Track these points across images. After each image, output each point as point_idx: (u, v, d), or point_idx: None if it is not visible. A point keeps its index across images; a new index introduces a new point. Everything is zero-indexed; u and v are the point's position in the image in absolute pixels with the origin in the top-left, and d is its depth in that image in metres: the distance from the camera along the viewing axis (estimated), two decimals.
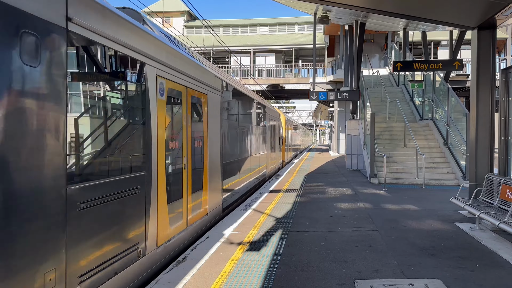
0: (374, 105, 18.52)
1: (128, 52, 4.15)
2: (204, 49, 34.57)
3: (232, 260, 5.19)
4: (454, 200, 7.70)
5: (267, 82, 34.31)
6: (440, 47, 32.97)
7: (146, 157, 4.62)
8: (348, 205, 9.12)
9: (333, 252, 5.51)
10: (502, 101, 7.79)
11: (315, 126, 77.98)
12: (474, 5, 7.59)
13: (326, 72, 32.79)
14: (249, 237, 6.30)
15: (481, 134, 8.20)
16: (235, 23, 43.45)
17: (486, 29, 8.13)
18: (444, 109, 14.87)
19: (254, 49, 37.26)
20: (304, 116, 69.20)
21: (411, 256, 5.35)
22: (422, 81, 17.02)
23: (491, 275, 4.64)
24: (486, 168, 8.13)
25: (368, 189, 11.85)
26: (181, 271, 4.80)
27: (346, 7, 11.21)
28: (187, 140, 6.03)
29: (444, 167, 13.64)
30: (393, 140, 15.77)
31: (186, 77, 6.00)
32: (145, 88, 4.62)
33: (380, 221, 7.46)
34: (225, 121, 8.36)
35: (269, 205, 9.15)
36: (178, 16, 42.55)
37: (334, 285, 4.31)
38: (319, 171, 17.58)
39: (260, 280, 4.47)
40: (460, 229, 6.84)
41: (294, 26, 42.31)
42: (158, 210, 4.91)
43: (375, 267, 4.91)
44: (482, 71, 8.20)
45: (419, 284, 4.31)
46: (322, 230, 6.80)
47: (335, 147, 32.25)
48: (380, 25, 21.18)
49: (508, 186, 6.64)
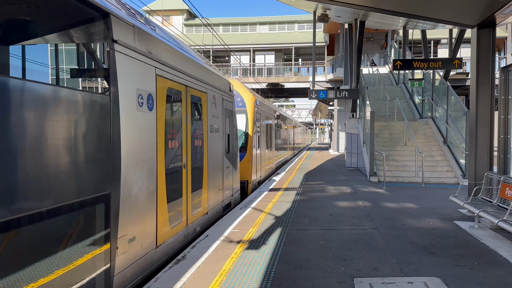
0: (373, 104, 18.51)
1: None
2: (204, 48, 34.52)
3: (232, 258, 5.19)
4: (454, 199, 7.70)
5: (267, 80, 34.28)
6: (440, 46, 32.94)
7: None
8: (347, 204, 9.12)
9: (332, 250, 5.51)
10: (501, 100, 7.80)
11: (315, 125, 78.00)
12: (474, 4, 7.59)
13: (326, 71, 32.76)
14: (249, 236, 6.31)
15: (481, 132, 8.20)
16: (235, 22, 43.42)
17: (485, 27, 8.12)
18: (444, 108, 14.87)
19: (254, 48, 37.21)
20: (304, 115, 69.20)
21: (410, 254, 5.36)
22: (421, 79, 17.02)
23: (490, 273, 4.64)
24: (485, 166, 8.14)
25: (367, 187, 11.86)
26: (181, 269, 4.80)
27: (346, 6, 11.20)
28: None
29: (443, 165, 13.64)
30: (393, 138, 15.77)
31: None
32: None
33: (379, 220, 7.47)
34: None
35: (268, 203, 9.15)
36: (178, 14, 42.51)
37: (333, 283, 4.32)
38: (319, 170, 17.58)
39: (260, 278, 4.48)
40: (459, 228, 6.85)
41: (293, 25, 42.28)
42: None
43: (374, 265, 4.91)
44: (481, 69, 8.19)
45: (418, 282, 4.32)
46: (321, 228, 6.81)
47: (334, 146, 32.24)
48: (380, 24, 21.14)
49: (508, 184, 6.64)
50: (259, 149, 13.18)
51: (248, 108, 12.23)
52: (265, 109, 14.87)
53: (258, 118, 13.02)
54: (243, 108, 12.17)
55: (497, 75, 8.26)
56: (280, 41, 38.23)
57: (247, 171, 11.80)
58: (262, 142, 13.86)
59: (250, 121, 12.14)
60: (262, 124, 13.82)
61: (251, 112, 12.24)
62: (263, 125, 14.23)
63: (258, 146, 12.98)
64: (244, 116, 12.13)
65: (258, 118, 13.14)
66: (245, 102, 12.25)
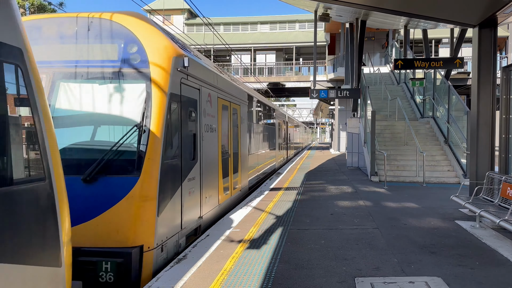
0: (374, 103, 18.48)
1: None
2: (205, 47, 34.53)
3: (233, 257, 5.20)
4: (455, 198, 7.70)
5: (268, 80, 34.29)
6: (441, 45, 32.89)
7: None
8: (348, 203, 9.12)
9: (334, 250, 5.51)
10: (503, 99, 7.78)
11: (316, 124, 78.00)
12: (475, 3, 7.58)
13: (327, 70, 32.75)
14: (250, 235, 6.31)
15: (482, 132, 8.19)
16: (236, 21, 43.41)
17: (487, 27, 8.11)
18: (445, 107, 14.85)
19: (255, 47, 37.21)
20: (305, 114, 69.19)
21: (412, 254, 5.36)
22: (423, 79, 16.99)
23: (491, 273, 4.64)
24: (486, 166, 8.13)
25: (368, 187, 11.85)
26: (182, 268, 4.81)
27: (347, 5, 11.20)
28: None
29: (444, 165, 13.63)
30: (394, 138, 15.76)
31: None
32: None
33: (380, 219, 7.46)
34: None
35: (269, 203, 9.15)
36: (179, 14, 42.52)
37: (334, 283, 4.32)
38: (320, 169, 17.58)
39: (261, 277, 4.48)
40: (460, 227, 6.84)
41: (294, 24, 42.26)
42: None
43: (375, 264, 4.91)
44: (483, 69, 8.18)
45: (419, 282, 4.32)
46: (322, 228, 6.81)
47: (335, 145, 32.23)
48: (381, 23, 21.14)
49: (509, 184, 6.63)
50: (195, 161, 6.45)
51: (157, 72, 5.29)
52: (214, 81, 7.57)
53: (188, 97, 6.16)
54: (141, 71, 5.29)
55: (499, 74, 8.23)
56: (281, 40, 38.22)
57: (138, 221, 4.85)
58: (210, 147, 7.33)
59: (158, 103, 5.19)
60: (208, 112, 7.20)
61: (162, 82, 5.29)
62: (211, 114, 7.43)
63: (192, 157, 6.31)
64: (140, 92, 5.27)
65: (190, 99, 6.22)
66: (149, 56, 5.35)
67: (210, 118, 7.29)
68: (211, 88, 7.38)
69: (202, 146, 6.79)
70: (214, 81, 7.55)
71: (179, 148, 5.72)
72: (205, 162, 6.93)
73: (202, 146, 6.75)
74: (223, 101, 8.26)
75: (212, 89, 7.44)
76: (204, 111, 6.93)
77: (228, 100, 8.72)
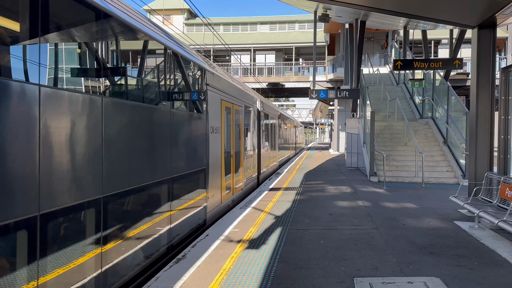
0: (374, 104, 18.50)
1: None
2: (205, 47, 34.52)
3: (232, 257, 5.21)
4: (454, 199, 7.71)
5: (267, 80, 34.29)
6: (441, 46, 32.92)
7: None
8: (347, 203, 9.13)
9: (333, 250, 5.52)
10: (502, 100, 7.80)
11: (315, 124, 78.05)
12: (475, 4, 7.60)
13: (326, 71, 32.76)
14: (249, 235, 6.32)
15: (481, 132, 8.21)
16: (236, 21, 43.42)
17: (486, 28, 8.12)
18: (444, 108, 14.87)
19: (255, 47, 37.21)
20: (304, 114, 69.22)
21: (410, 254, 5.37)
22: (422, 79, 17.00)
23: (490, 273, 4.65)
24: (485, 166, 8.14)
25: (367, 187, 11.86)
26: (181, 268, 4.81)
27: (346, 6, 11.21)
28: None
29: (443, 165, 13.65)
30: (393, 138, 15.78)
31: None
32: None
33: (379, 219, 7.48)
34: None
35: (269, 203, 9.16)
36: (179, 14, 42.52)
37: (333, 283, 4.33)
38: (319, 169, 17.59)
39: (260, 277, 4.49)
40: (459, 228, 6.86)
41: (294, 24, 42.27)
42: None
43: (374, 265, 4.92)
44: (482, 70, 8.20)
45: (418, 282, 4.33)
46: (321, 228, 6.82)
47: (335, 146, 32.24)
48: (381, 24, 21.15)
49: (508, 185, 6.65)
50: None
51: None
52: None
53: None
54: None
55: (498, 75, 8.25)
56: (280, 40, 38.23)
57: None
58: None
59: None
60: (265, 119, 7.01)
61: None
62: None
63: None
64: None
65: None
66: None
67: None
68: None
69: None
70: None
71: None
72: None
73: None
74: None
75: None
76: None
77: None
